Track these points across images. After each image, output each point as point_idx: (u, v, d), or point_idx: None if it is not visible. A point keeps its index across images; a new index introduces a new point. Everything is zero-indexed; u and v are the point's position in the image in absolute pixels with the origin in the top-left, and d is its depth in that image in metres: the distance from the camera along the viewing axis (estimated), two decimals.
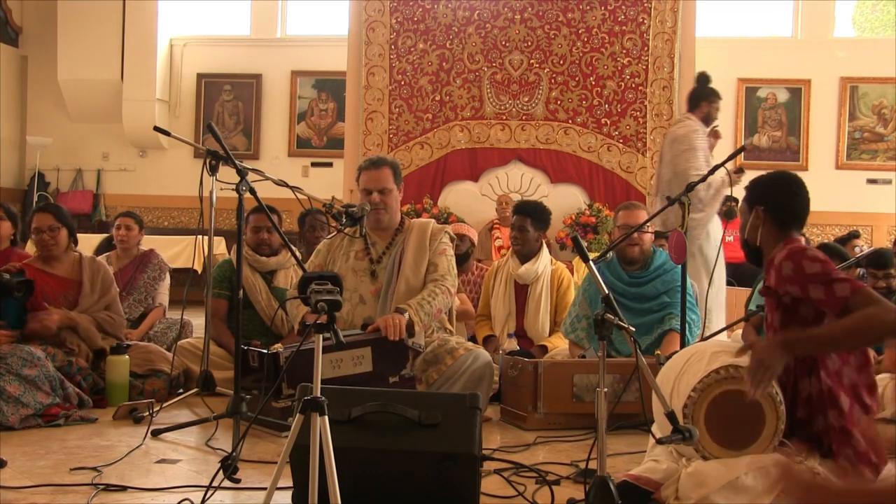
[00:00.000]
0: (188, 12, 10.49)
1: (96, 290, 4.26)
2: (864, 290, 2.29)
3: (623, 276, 4.28)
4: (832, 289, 2.31)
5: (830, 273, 2.34)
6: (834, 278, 2.32)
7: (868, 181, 9.60)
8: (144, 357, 4.30)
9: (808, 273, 2.35)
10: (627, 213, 4.40)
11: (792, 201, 2.58)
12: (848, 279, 2.32)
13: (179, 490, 2.67)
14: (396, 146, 7.68)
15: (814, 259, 2.37)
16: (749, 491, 2.27)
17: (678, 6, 7.45)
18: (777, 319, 2.52)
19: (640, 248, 4.25)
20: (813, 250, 2.44)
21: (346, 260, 3.89)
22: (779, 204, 2.57)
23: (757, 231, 2.60)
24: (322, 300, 2.11)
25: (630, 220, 4.31)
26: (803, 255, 2.40)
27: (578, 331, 4.27)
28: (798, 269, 2.37)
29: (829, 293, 2.32)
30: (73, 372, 3.96)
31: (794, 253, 2.42)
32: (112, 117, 10.27)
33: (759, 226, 2.59)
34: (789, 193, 2.59)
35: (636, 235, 4.14)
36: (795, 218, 2.57)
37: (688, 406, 2.41)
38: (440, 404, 2.53)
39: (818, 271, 2.34)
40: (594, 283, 4.09)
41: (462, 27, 7.69)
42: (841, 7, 10.10)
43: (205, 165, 3.54)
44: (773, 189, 2.61)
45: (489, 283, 4.99)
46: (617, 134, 7.53)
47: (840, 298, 2.29)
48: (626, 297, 4.18)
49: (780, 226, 2.56)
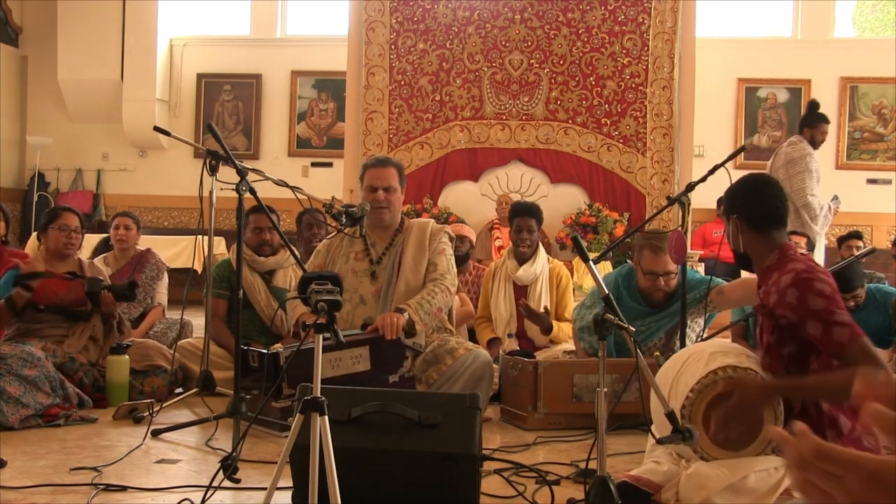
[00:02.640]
0: (188, 12, 10.49)
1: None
2: (859, 343, 2.26)
3: (643, 309, 4.04)
4: (831, 331, 2.28)
5: (833, 314, 2.30)
6: (835, 321, 2.28)
7: (868, 181, 9.60)
8: (142, 353, 4.31)
9: (811, 309, 2.32)
10: (654, 259, 3.91)
11: (759, 203, 2.55)
12: (849, 325, 2.28)
13: (179, 490, 2.67)
14: (396, 146, 7.68)
15: (819, 294, 2.32)
16: (750, 493, 2.27)
17: (678, 6, 7.45)
18: (772, 340, 2.48)
19: (665, 293, 3.98)
20: (821, 280, 2.36)
21: (345, 261, 3.89)
22: (748, 208, 2.57)
23: (738, 239, 2.60)
24: (322, 300, 2.11)
25: (658, 267, 3.89)
26: (810, 288, 2.33)
27: (594, 343, 4.09)
28: (801, 302, 2.33)
29: (826, 334, 2.29)
30: (75, 369, 3.97)
31: (800, 281, 2.36)
32: (112, 117, 10.27)
33: (738, 233, 2.59)
34: (755, 196, 2.57)
35: (663, 283, 3.93)
36: (768, 218, 2.55)
37: (685, 406, 2.41)
38: (440, 404, 2.53)
39: (821, 308, 2.30)
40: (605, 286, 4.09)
41: (462, 27, 7.69)
42: (841, 7, 10.09)
43: (205, 165, 3.54)
44: (739, 195, 2.61)
45: (488, 284, 4.98)
46: (617, 134, 7.52)
47: (836, 344, 2.28)
48: (646, 315, 4.06)
49: (757, 229, 2.55)
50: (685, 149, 7.45)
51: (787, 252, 2.51)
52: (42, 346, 3.90)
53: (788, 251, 2.52)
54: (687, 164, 7.43)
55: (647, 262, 3.94)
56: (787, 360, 2.46)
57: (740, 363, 2.44)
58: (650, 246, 3.93)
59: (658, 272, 3.91)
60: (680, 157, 7.42)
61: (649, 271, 3.94)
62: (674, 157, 7.42)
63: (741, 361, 2.45)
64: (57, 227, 4.25)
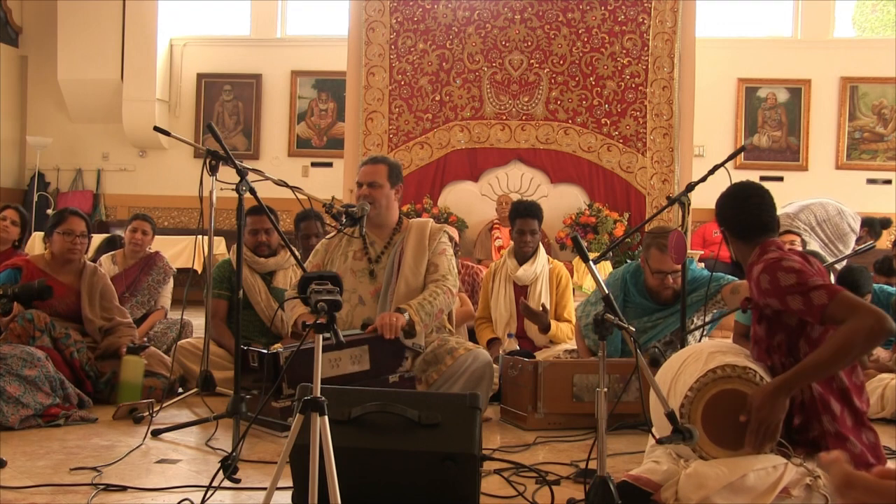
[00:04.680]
0: (188, 12, 10.49)
1: (95, 303, 4.28)
2: (840, 297, 2.28)
3: (651, 305, 4.07)
4: (809, 298, 2.31)
5: (807, 282, 2.33)
6: (810, 287, 2.32)
7: (868, 181, 9.60)
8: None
9: (785, 285, 2.36)
10: (662, 258, 3.92)
11: (738, 214, 2.61)
12: (824, 286, 2.31)
13: (179, 490, 2.67)
14: (396, 146, 7.68)
15: (789, 270, 2.37)
16: (749, 492, 2.27)
17: (678, 6, 7.45)
18: (763, 331, 2.52)
19: (674, 291, 3.97)
20: (788, 259, 2.42)
21: (344, 260, 3.89)
22: (730, 220, 2.64)
23: (730, 248, 2.68)
24: (322, 300, 2.11)
25: (666, 266, 3.91)
26: (778, 267, 2.40)
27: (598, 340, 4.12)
28: (774, 282, 2.38)
29: (807, 303, 2.32)
30: (69, 343, 3.96)
31: (769, 265, 2.42)
32: (112, 117, 10.27)
33: (729, 244, 2.67)
34: (734, 208, 2.63)
35: (671, 280, 3.94)
36: (752, 228, 2.59)
37: (684, 405, 2.41)
38: (440, 404, 2.53)
39: (794, 282, 2.35)
40: (612, 282, 4.11)
41: (462, 27, 7.69)
42: (841, 7, 10.09)
43: (205, 165, 3.54)
44: (721, 209, 2.68)
45: (488, 285, 4.98)
46: (617, 134, 7.52)
47: (819, 307, 2.30)
48: (654, 311, 4.08)
49: (744, 239, 2.61)
50: (685, 149, 7.45)
51: (767, 247, 2.56)
52: (43, 320, 3.92)
53: (768, 246, 2.56)
54: (687, 164, 7.43)
55: (655, 262, 3.96)
56: (778, 350, 2.48)
57: (739, 362, 2.44)
58: (658, 245, 3.93)
59: (667, 271, 3.94)
60: (680, 157, 7.42)
61: (658, 270, 3.96)
62: (674, 157, 7.42)
63: (740, 360, 2.46)
64: (62, 231, 4.24)
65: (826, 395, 2.39)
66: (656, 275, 3.98)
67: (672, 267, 3.90)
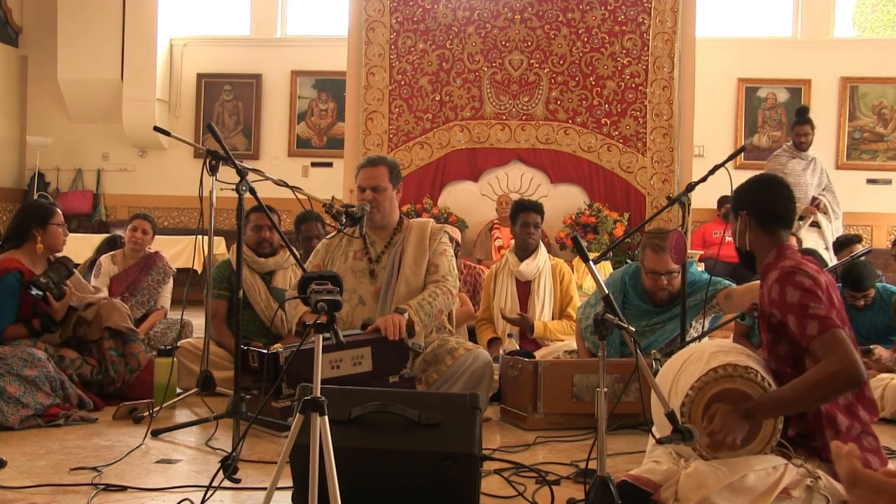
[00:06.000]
0: (188, 12, 10.49)
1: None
2: (827, 335, 2.27)
3: (649, 308, 4.06)
4: (804, 324, 2.31)
5: (808, 306, 2.32)
6: (808, 314, 2.31)
7: (868, 181, 9.59)
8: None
9: (788, 302, 2.36)
10: (656, 258, 3.92)
11: (773, 202, 2.57)
12: (820, 317, 2.30)
13: (179, 490, 2.67)
14: (396, 146, 7.68)
15: (797, 286, 2.35)
16: (749, 492, 2.27)
17: (678, 6, 7.44)
18: (768, 339, 2.52)
19: (669, 293, 3.97)
20: (801, 273, 2.39)
21: (344, 260, 3.89)
22: (760, 206, 2.58)
23: (745, 236, 2.61)
24: (322, 300, 2.11)
25: (659, 266, 3.91)
26: (790, 280, 2.37)
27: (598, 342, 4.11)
28: (781, 297, 2.38)
29: (800, 328, 2.32)
30: (66, 366, 3.91)
31: (783, 276, 2.40)
32: (112, 117, 10.27)
33: (746, 231, 2.60)
34: (769, 194, 2.59)
35: (665, 281, 3.94)
36: (779, 218, 2.57)
37: (685, 405, 2.41)
38: (440, 404, 2.53)
39: (796, 302, 2.34)
40: (611, 284, 4.11)
41: (462, 27, 7.69)
42: (841, 7, 10.09)
43: (205, 165, 3.54)
44: (753, 192, 2.62)
45: (489, 285, 4.98)
46: (617, 134, 7.52)
47: (808, 337, 2.30)
48: (652, 314, 4.08)
49: (766, 228, 2.57)
50: (685, 149, 7.45)
51: (784, 251, 2.53)
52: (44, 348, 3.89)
53: (786, 250, 2.53)
54: (687, 164, 7.43)
55: (649, 262, 3.97)
56: (785, 360, 2.47)
57: (741, 361, 2.44)
58: (651, 245, 3.94)
59: (659, 271, 3.93)
60: (680, 157, 7.41)
61: (651, 270, 3.97)
62: (674, 157, 7.42)
63: (742, 360, 2.45)
64: (57, 223, 4.24)
65: (833, 411, 2.38)
66: (650, 275, 3.97)
67: (666, 267, 3.89)
